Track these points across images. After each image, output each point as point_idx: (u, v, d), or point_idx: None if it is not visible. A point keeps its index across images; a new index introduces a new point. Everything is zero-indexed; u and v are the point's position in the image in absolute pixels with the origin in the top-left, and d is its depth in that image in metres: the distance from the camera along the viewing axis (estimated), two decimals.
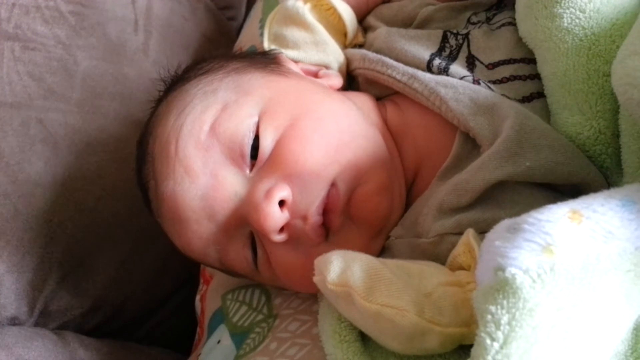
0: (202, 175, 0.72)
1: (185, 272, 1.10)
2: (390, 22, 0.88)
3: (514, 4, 0.75)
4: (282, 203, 0.68)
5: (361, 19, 0.93)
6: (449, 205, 0.67)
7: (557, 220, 0.47)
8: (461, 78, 0.74)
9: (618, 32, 0.65)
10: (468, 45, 0.78)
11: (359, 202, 0.71)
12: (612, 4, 0.66)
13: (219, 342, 0.86)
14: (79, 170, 1.03)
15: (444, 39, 0.80)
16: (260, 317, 0.83)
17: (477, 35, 0.78)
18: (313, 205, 0.69)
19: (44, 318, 1.01)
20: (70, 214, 1.01)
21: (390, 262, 0.61)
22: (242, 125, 0.72)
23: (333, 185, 0.70)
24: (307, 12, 0.88)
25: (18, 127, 1.02)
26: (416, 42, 0.81)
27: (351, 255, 0.61)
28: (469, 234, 0.60)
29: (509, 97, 0.72)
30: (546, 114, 0.70)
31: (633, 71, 0.52)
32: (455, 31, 0.80)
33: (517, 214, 0.54)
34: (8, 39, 1.06)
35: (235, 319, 0.86)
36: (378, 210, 0.71)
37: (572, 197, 0.63)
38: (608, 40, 0.65)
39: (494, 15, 0.81)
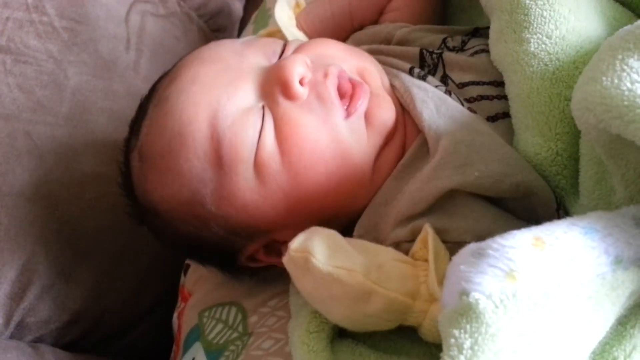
0: (229, 56, 0.77)
1: (163, 289, 1.11)
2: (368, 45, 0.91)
3: (488, 33, 0.78)
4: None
5: None
6: (405, 214, 0.69)
7: (520, 247, 0.48)
8: (435, 87, 0.77)
9: (582, 59, 0.67)
10: (443, 66, 0.81)
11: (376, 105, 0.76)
12: (577, 32, 0.68)
13: (193, 359, 0.86)
14: (63, 183, 1.04)
15: (422, 57, 0.83)
16: (235, 335, 0.84)
17: (451, 57, 0.81)
18: (332, 68, 0.74)
19: (20, 330, 1.00)
20: (52, 226, 1.02)
21: (352, 240, 0.65)
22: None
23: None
24: None
25: (5, 138, 1.02)
26: (397, 58, 0.84)
27: (317, 230, 0.64)
28: (426, 230, 0.62)
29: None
30: (510, 134, 0.72)
31: (590, 96, 0.54)
32: (430, 49, 0.83)
33: (468, 226, 0.57)
34: (0, 51, 1.08)
35: (210, 337, 0.87)
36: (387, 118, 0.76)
37: (522, 215, 0.66)
38: (571, 67, 0.67)
39: (469, 39, 0.84)
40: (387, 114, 0.76)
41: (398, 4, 0.95)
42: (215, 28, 1.37)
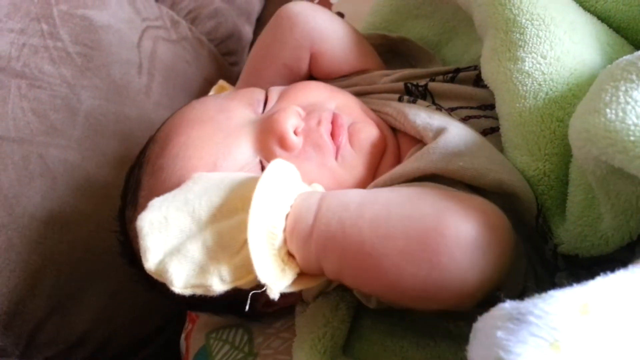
0: (216, 114, 0.78)
1: (171, 310, 1.11)
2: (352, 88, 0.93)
3: (468, 76, 0.80)
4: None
5: None
6: (380, 184, 0.70)
7: (565, 314, 0.44)
8: (426, 107, 0.79)
9: (575, 81, 0.67)
10: (432, 96, 0.83)
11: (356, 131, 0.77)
12: (572, 54, 0.69)
13: None
14: (75, 205, 1.05)
15: (407, 90, 0.85)
16: (241, 355, 0.84)
17: (436, 87, 0.83)
18: (324, 113, 0.77)
19: (30, 350, 1.01)
20: (63, 248, 1.03)
21: None
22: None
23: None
24: None
25: (19, 161, 1.04)
26: (385, 93, 0.86)
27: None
28: None
29: None
30: (498, 147, 0.72)
31: (593, 128, 0.54)
32: (415, 82, 0.85)
33: None
34: (16, 76, 1.09)
35: (218, 358, 0.87)
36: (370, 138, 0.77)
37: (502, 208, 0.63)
38: (565, 88, 0.67)
39: (453, 77, 0.85)
40: (368, 132, 0.77)
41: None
42: (226, 52, 1.39)
